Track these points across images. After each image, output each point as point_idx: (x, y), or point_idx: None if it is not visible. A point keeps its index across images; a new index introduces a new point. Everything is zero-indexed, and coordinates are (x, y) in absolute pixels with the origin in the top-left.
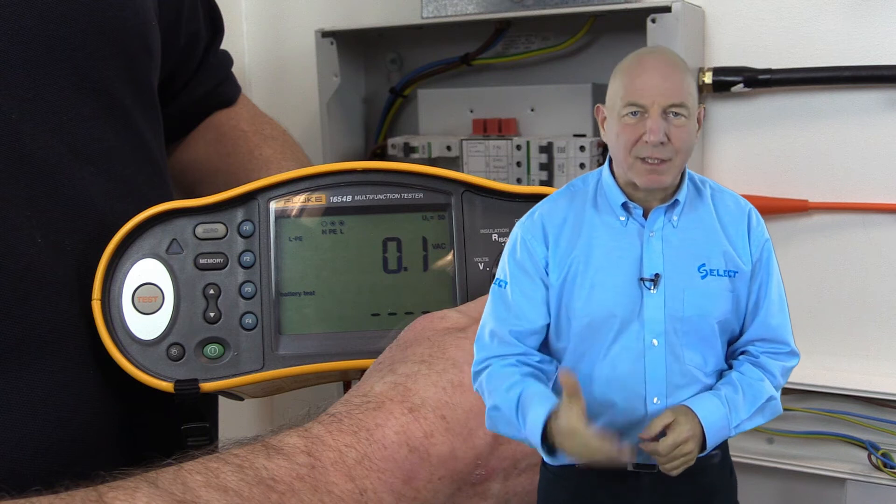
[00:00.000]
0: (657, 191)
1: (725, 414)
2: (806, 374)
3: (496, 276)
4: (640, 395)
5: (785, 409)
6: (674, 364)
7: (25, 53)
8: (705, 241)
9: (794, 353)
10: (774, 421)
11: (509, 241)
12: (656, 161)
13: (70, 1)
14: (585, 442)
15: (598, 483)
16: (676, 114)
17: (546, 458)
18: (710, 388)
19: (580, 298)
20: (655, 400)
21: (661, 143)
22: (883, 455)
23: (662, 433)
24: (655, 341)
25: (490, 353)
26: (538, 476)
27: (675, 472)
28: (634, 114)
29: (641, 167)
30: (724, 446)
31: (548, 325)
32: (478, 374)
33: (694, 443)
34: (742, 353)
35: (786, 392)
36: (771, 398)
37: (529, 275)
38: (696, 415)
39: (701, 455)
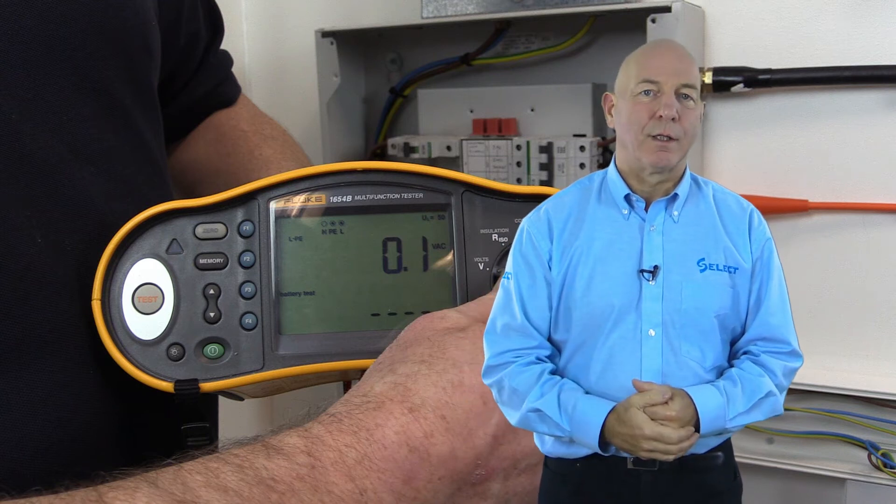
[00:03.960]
0: (663, 179)
1: (722, 403)
2: (806, 374)
3: (505, 270)
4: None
5: (785, 409)
6: (670, 355)
7: (25, 53)
8: (705, 236)
9: (796, 354)
10: (774, 421)
11: (517, 235)
12: (666, 138)
13: (70, 1)
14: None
15: (598, 481)
16: (686, 96)
17: (598, 452)
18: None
19: (580, 288)
20: None
21: (673, 120)
22: (883, 455)
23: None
24: (652, 332)
25: (505, 347)
26: (538, 476)
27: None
28: (648, 92)
29: (652, 144)
30: (727, 449)
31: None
32: (494, 368)
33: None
34: (744, 353)
35: (786, 392)
36: (770, 394)
37: (533, 269)
38: (691, 399)
39: (703, 454)
